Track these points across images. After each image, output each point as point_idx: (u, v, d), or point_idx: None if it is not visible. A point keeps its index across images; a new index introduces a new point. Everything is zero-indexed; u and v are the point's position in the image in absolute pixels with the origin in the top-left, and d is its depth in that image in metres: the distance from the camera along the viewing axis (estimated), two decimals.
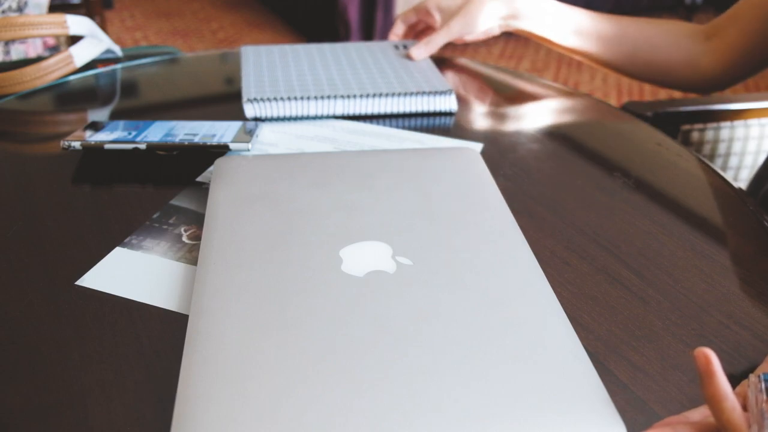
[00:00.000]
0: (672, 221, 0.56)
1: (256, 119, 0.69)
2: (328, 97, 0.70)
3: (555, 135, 0.70)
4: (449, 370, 0.34)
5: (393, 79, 0.75)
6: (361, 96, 0.70)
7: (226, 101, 0.77)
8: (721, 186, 0.62)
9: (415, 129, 0.70)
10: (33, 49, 1.41)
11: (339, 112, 0.71)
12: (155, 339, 0.41)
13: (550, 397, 0.33)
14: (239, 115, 0.71)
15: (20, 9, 1.34)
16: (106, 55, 0.86)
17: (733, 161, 0.93)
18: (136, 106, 0.75)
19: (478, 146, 0.67)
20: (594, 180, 0.62)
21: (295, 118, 0.70)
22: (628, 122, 0.75)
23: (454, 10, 0.82)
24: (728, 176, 0.63)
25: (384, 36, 2.89)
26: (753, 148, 0.93)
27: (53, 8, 1.64)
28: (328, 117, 0.71)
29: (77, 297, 0.44)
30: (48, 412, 0.36)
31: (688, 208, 0.58)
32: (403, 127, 0.70)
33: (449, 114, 0.73)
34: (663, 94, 2.66)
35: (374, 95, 0.71)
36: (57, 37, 1.49)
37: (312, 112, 0.70)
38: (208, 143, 0.59)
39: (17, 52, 1.35)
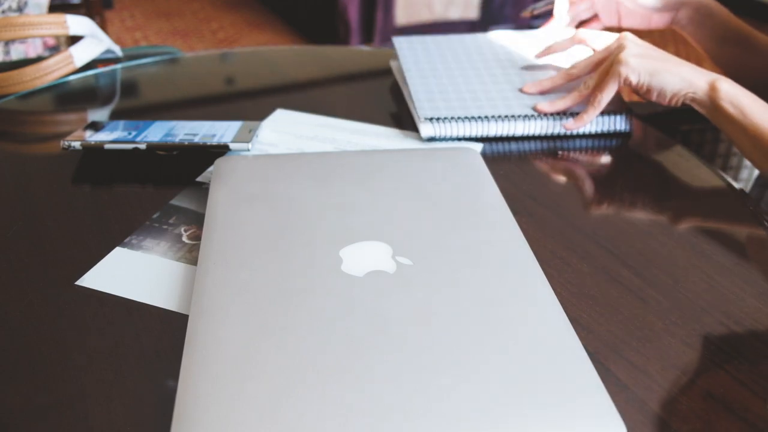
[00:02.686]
0: (672, 221, 0.56)
1: (432, 139, 0.66)
2: (506, 117, 0.66)
3: (555, 135, 0.70)
4: (449, 370, 0.34)
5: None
6: (539, 117, 0.67)
7: (226, 101, 0.77)
8: (721, 186, 0.62)
9: (415, 129, 0.70)
10: (33, 49, 1.40)
11: (519, 132, 0.67)
12: (155, 339, 0.41)
13: (550, 397, 0.33)
14: (239, 115, 0.71)
15: (20, 9, 1.34)
16: (106, 55, 0.86)
17: (734, 161, 0.93)
18: (136, 106, 0.75)
19: (478, 146, 0.67)
20: (594, 180, 0.62)
21: (471, 139, 0.67)
22: None
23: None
24: (728, 176, 0.63)
25: (384, 37, 2.89)
26: None
27: (53, 8, 1.64)
28: (504, 136, 0.68)
29: (77, 297, 0.44)
30: (48, 412, 0.36)
31: (688, 208, 0.58)
32: (402, 127, 0.70)
33: (624, 134, 0.69)
34: None
35: (552, 117, 0.67)
36: (57, 37, 1.49)
37: (492, 133, 0.67)
38: (208, 143, 0.59)
39: (17, 52, 1.34)
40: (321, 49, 0.96)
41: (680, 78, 0.62)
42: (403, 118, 0.72)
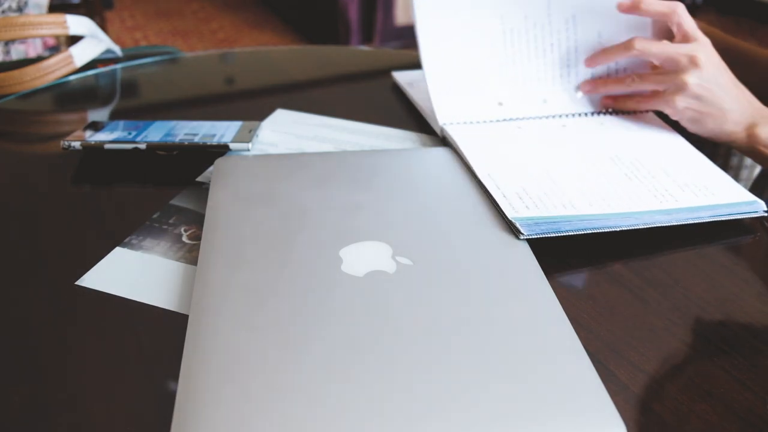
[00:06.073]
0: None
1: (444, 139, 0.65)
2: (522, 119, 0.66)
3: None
4: (449, 370, 0.34)
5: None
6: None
7: (226, 101, 0.77)
8: None
9: (415, 129, 0.70)
10: (33, 49, 1.41)
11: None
12: (155, 339, 0.41)
13: (551, 397, 0.33)
14: (239, 115, 0.71)
15: (20, 9, 1.34)
16: (106, 55, 0.86)
17: (734, 161, 0.93)
18: (136, 106, 0.75)
19: None
20: None
21: None
22: None
23: None
24: (729, 176, 0.63)
25: (384, 37, 2.89)
26: None
27: (53, 8, 1.64)
28: None
29: (77, 297, 0.44)
30: (48, 412, 0.35)
31: None
32: (402, 127, 0.70)
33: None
34: None
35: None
36: (57, 37, 1.49)
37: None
38: (208, 143, 0.59)
39: (17, 52, 1.34)
40: (321, 49, 0.96)
41: (720, 130, 0.62)
42: (403, 118, 0.72)
